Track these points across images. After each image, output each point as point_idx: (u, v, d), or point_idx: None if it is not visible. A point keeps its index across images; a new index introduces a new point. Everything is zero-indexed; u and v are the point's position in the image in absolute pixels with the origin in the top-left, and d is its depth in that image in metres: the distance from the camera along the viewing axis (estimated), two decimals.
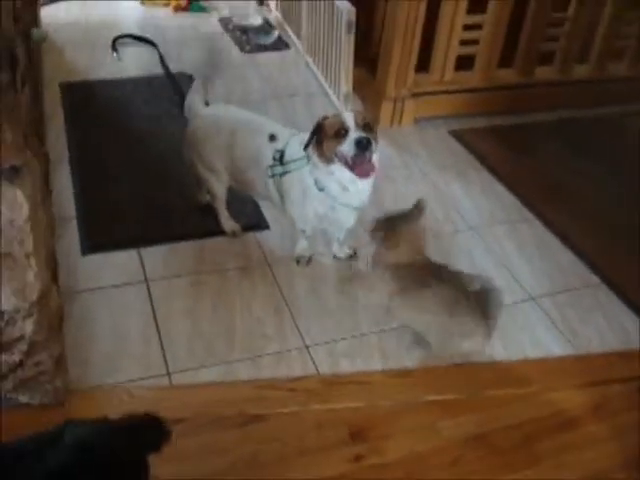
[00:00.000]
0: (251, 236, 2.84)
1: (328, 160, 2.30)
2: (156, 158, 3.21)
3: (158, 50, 4.22)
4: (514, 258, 2.84)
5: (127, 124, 3.53)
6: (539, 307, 2.60)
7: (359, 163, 2.24)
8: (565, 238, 2.95)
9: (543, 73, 3.84)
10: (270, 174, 2.47)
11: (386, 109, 3.61)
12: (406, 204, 2.34)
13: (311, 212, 2.49)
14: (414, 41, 3.41)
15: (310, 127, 2.39)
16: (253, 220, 2.90)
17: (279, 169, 2.45)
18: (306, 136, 2.44)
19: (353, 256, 2.76)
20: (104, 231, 2.77)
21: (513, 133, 3.69)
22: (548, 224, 3.03)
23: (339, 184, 2.36)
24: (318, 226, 2.61)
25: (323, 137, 2.30)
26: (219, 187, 2.69)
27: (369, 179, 2.33)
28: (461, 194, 3.21)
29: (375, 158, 2.29)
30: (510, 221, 3.06)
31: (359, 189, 2.39)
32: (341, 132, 2.24)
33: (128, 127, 3.49)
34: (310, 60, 4.20)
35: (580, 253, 2.87)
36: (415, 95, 3.61)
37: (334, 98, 3.79)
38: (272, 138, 2.49)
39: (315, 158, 2.34)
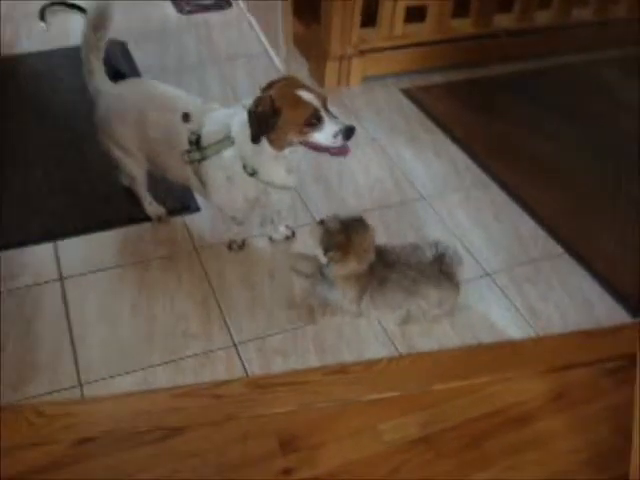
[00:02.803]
0: (179, 220, 2.58)
1: (284, 146, 2.02)
2: (77, 138, 2.92)
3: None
4: (469, 229, 2.59)
5: (48, 101, 3.22)
6: (495, 284, 2.37)
7: (341, 150, 2.03)
8: (525, 204, 2.70)
9: (501, 22, 3.52)
10: (187, 160, 2.19)
11: (331, 69, 3.31)
12: (351, 173, 2.11)
13: (240, 199, 2.22)
14: None
15: (251, 92, 2.08)
16: (181, 202, 2.63)
17: (196, 155, 2.16)
18: (225, 112, 2.17)
19: (291, 237, 2.51)
20: (15, 225, 2.50)
21: (469, 89, 3.41)
22: (507, 189, 2.78)
23: (284, 167, 2.10)
24: (249, 211, 2.34)
25: (283, 123, 1.96)
26: (137, 170, 2.42)
27: None
28: (413, 160, 2.95)
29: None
30: (465, 188, 2.80)
31: (297, 169, 2.14)
32: (312, 120, 1.96)
33: (49, 105, 3.19)
34: (252, 19, 3.88)
35: (541, 220, 2.63)
36: (362, 52, 3.32)
37: (277, 60, 3.48)
38: (186, 117, 2.18)
39: (263, 144, 2.03)
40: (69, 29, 3.83)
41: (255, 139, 1.99)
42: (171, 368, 2.05)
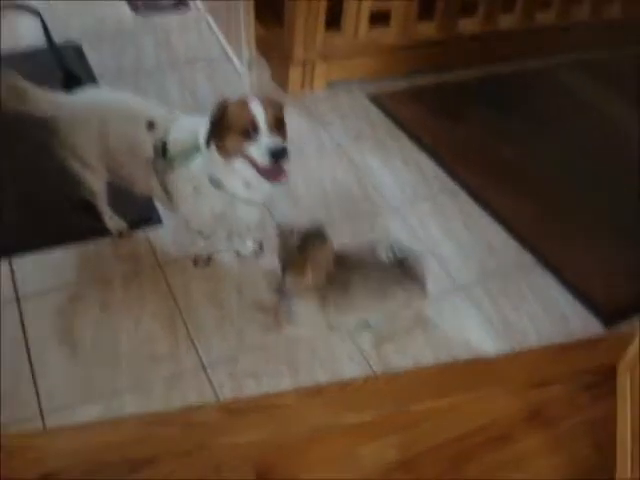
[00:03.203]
0: (141, 234, 2.47)
1: (230, 155, 1.93)
2: (31, 148, 2.77)
3: (41, 18, 3.71)
4: (440, 240, 2.55)
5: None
6: (468, 298, 2.33)
7: (271, 172, 1.91)
8: (495, 212, 2.67)
9: (466, 25, 3.49)
10: (153, 170, 2.09)
11: (295, 74, 3.23)
12: (318, 182, 2.00)
13: (206, 211, 2.13)
14: None
15: (212, 98, 2.00)
16: (143, 214, 2.52)
17: (161, 164, 2.07)
18: (191, 120, 2.08)
19: (258, 251, 2.43)
20: None
21: (435, 94, 3.37)
22: (476, 197, 2.75)
23: (241, 181, 2.00)
24: (216, 225, 2.25)
25: (225, 129, 1.90)
26: (97, 183, 2.31)
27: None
28: (380, 168, 2.89)
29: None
30: (433, 196, 2.76)
31: (263, 184, 2.02)
32: (249, 131, 1.87)
33: None
34: (211, 21, 3.77)
35: (511, 229, 2.60)
36: (326, 57, 3.24)
37: (238, 64, 3.39)
38: (150, 126, 2.09)
39: (213, 152, 1.96)
40: (20, 30, 3.67)
41: (205, 142, 1.95)
42: (138, 394, 1.96)
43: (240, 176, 1.98)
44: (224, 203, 2.09)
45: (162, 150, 2.06)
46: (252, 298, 2.25)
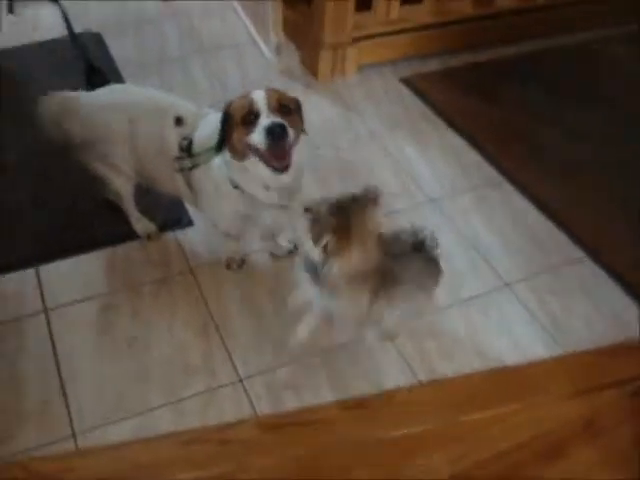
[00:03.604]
0: (171, 237, 2.38)
1: (241, 155, 1.82)
2: (56, 148, 2.69)
3: (61, 7, 3.61)
4: (484, 235, 2.41)
5: (21, 105, 2.98)
6: (515, 296, 2.20)
7: (273, 155, 1.77)
8: (542, 204, 2.51)
9: (502, 0, 3.29)
10: (177, 168, 1.99)
11: (325, 59, 3.09)
12: (353, 175, 1.87)
13: (230, 212, 2.03)
14: None
15: (241, 86, 1.89)
16: (172, 216, 2.43)
17: (187, 162, 1.97)
18: (219, 116, 1.96)
19: (294, 251, 2.32)
20: None
21: (472, 74, 3.19)
22: (520, 187, 2.59)
23: (257, 182, 1.88)
24: (244, 226, 2.15)
25: (231, 126, 1.81)
26: (124, 186, 2.22)
27: (288, 172, 1.83)
28: (417, 157, 2.75)
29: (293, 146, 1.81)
30: (475, 187, 2.61)
31: (283, 185, 1.90)
32: (250, 118, 1.76)
33: (22, 109, 2.94)
34: (237, 5, 3.63)
35: (560, 222, 2.44)
36: (357, 39, 3.09)
37: (265, 50, 3.26)
38: (178, 121, 2.00)
39: (227, 154, 1.86)
40: (41, 22, 3.58)
41: (218, 145, 1.85)
42: (172, 410, 1.88)
43: (256, 177, 1.86)
44: (247, 204, 1.98)
45: (187, 147, 1.96)
46: (289, 303, 2.14)
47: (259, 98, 1.76)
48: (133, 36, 3.45)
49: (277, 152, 1.75)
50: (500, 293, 2.21)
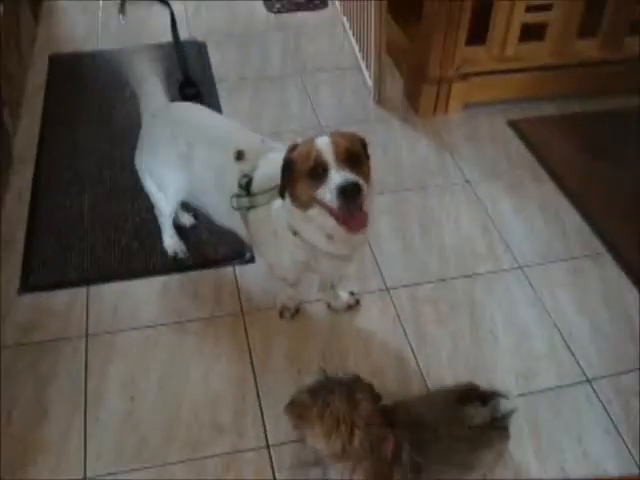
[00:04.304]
0: (229, 271, 2.25)
1: (305, 205, 1.64)
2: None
3: (171, 11, 3.58)
4: (573, 318, 2.11)
5: (113, 111, 2.95)
6: (595, 394, 1.90)
7: (347, 214, 1.57)
8: None
9: (634, 45, 2.92)
10: (234, 206, 1.84)
11: (428, 93, 2.87)
12: (439, 229, 1.63)
13: (287, 259, 1.86)
14: (465, 3, 2.61)
15: (334, 114, 1.71)
16: (236, 249, 2.28)
17: (244, 201, 1.81)
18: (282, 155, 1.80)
19: (354, 306, 2.12)
20: (50, 262, 2.25)
21: (589, 124, 2.86)
22: (626, 267, 2.26)
23: (321, 232, 1.70)
24: (301, 273, 1.97)
25: (295, 175, 1.63)
26: (167, 207, 2.15)
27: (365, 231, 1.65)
28: (512, 212, 2.48)
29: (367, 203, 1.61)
30: (572, 258, 2.31)
31: (349, 236, 1.70)
32: (317, 170, 1.57)
33: (113, 115, 2.92)
34: (346, 22, 3.47)
35: None
36: (466, 75, 2.84)
37: (367, 75, 3.07)
38: (239, 156, 1.85)
39: (288, 202, 1.68)
40: (150, 24, 3.57)
41: (280, 192, 1.68)
42: (190, 467, 1.74)
43: (319, 227, 1.67)
44: (306, 252, 1.79)
45: (247, 185, 1.80)
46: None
47: (326, 148, 1.56)
48: (237, 48, 3.38)
49: (351, 212, 1.56)
50: (578, 389, 1.91)
